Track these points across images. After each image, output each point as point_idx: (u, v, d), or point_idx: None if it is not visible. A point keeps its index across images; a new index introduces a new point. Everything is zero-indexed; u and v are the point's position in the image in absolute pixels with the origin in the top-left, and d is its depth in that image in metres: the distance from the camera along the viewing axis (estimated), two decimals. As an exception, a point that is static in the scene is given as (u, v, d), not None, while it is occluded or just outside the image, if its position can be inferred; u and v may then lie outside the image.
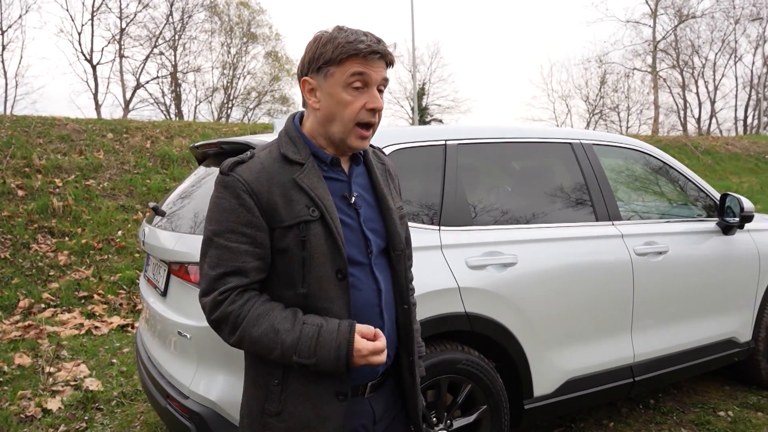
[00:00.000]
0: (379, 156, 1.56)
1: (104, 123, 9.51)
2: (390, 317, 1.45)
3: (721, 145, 16.74)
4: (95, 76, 28.11)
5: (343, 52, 1.29)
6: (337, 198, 1.37)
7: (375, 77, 1.32)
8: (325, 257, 1.31)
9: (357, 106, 1.32)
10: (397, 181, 1.60)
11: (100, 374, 4.14)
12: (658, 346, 3.08)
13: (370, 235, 1.41)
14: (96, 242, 6.71)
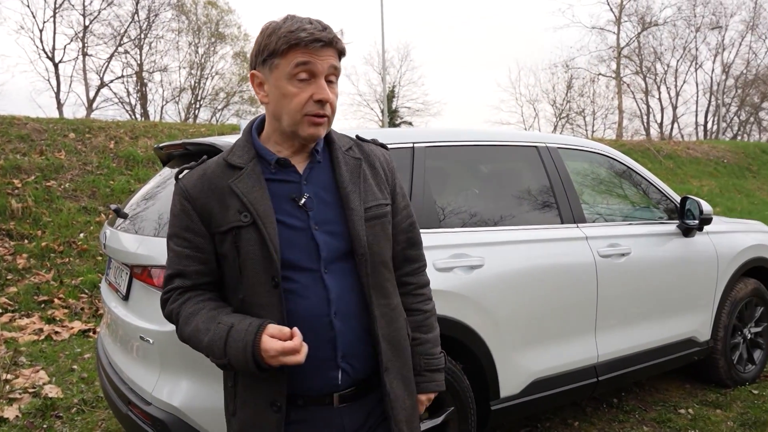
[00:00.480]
0: (364, 150, 1.45)
1: (66, 122, 9.26)
2: (351, 327, 1.34)
3: (682, 150, 17.21)
4: (57, 74, 27.40)
5: (286, 42, 1.25)
6: (283, 200, 1.33)
7: (321, 67, 1.27)
8: (258, 263, 1.29)
9: (303, 98, 1.27)
10: (387, 175, 1.47)
11: (60, 381, 4.02)
12: (620, 346, 3.14)
13: (324, 238, 1.32)
14: (57, 245, 6.53)
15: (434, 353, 1.53)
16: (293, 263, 1.31)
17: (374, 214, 1.38)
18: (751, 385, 3.92)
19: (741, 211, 13.54)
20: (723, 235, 3.77)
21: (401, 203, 1.49)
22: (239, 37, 33.79)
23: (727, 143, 20.24)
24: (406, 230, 1.50)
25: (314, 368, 1.32)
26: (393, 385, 1.39)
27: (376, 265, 1.38)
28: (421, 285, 1.55)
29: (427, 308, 1.54)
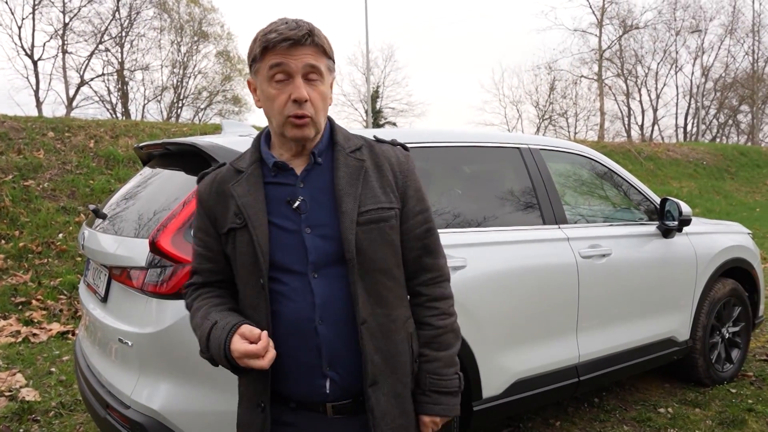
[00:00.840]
0: (375, 151, 1.39)
1: (45, 121, 9.12)
2: (339, 335, 1.31)
3: (662, 152, 17.44)
4: (36, 72, 27.02)
5: (260, 45, 1.26)
6: (280, 203, 1.33)
7: (295, 66, 1.25)
8: (249, 264, 1.32)
9: (282, 99, 1.27)
10: (397, 178, 1.38)
11: (38, 384, 3.96)
12: (601, 346, 3.16)
13: (315, 241, 1.30)
14: (35, 245, 6.43)
15: (444, 374, 1.40)
16: (283, 266, 1.31)
17: (372, 218, 1.32)
18: (729, 384, 3.97)
19: (720, 212, 13.76)
20: (702, 236, 3.82)
21: (415, 207, 1.40)
22: (222, 36, 33.62)
23: (706, 145, 20.56)
24: (420, 236, 1.41)
25: (300, 373, 1.32)
26: (380, 401, 1.32)
27: (371, 272, 1.32)
28: (434, 297, 1.42)
29: (441, 324, 1.41)
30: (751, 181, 17.90)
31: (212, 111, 34.24)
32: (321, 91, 1.30)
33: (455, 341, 1.44)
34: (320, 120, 1.32)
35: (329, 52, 1.32)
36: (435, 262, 1.44)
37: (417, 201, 1.41)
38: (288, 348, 1.31)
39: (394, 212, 1.36)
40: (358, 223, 1.30)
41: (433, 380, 1.39)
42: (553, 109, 37.52)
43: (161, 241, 2.07)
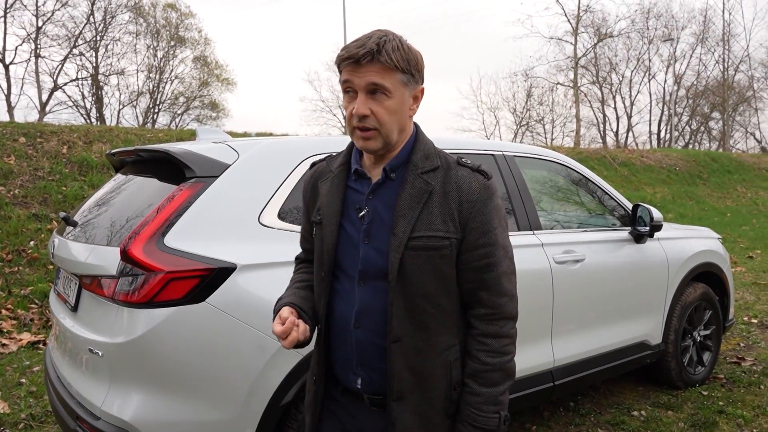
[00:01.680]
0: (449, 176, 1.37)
1: (17, 126, 8.93)
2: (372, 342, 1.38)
3: (636, 158, 17.72)
4: (8, 76, 26.51)
5: (336, 62, 1.34)
6: (352, 208, 1.42)
7: (358, 83, 1.31)
8: (319, 257, 1.45)
9: (349, 112, 1.34)
10: (462, 207, 1.36)
11: (7, 395, 3.86)
12: (576, 351, 3.20)
13: (368, 252, 1.37)
14: (5, 253, 6.28)
15: (483, 410, 1.37)
16: (343, 267, 1.42)
17: (422, 245, 1.33)
18: (701, 386, 4.04)
19: (692, 217, 14.02)
20: (673, 241, 3.89)
21: (477, 240, 1.36)
22: (200, 41, 33.35)
23: (679, 152, 20.97)
24: (477, 270, 1.37)
25: (341, 363, 1.46)
26: (404, 416, 1.36)
27: (412, 295, 1.34)
28: (486, 334, 1.38)
29: (489, 361, 1.37)
30: (722, 186, 18.29)
31: (189, 116, 33.94)
32: (387, 105, 1.32)
33: (503, 381, 1.39)
34: (389, 133, 1.34)
35: (402, 67, 1.31)
36: (491, 298, 1.39)
37: (481, 234, 1.37)
38: (335, 340, 1.45)
39: (448, 242, 1.35)
40: (407, 247, 1.33)
41: (471, 413, 1.37)
42: (530, 115, 37.93)
43: (133, 249, 2.04)
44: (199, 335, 2.07)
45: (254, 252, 2.21)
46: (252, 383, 2.12)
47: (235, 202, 2.27)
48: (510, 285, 1.42)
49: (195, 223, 2.16)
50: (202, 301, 2.06)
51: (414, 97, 1.38)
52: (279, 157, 2.45)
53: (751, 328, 5.58)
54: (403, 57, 1.31)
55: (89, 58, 29.25)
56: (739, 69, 36.68)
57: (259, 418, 2.15)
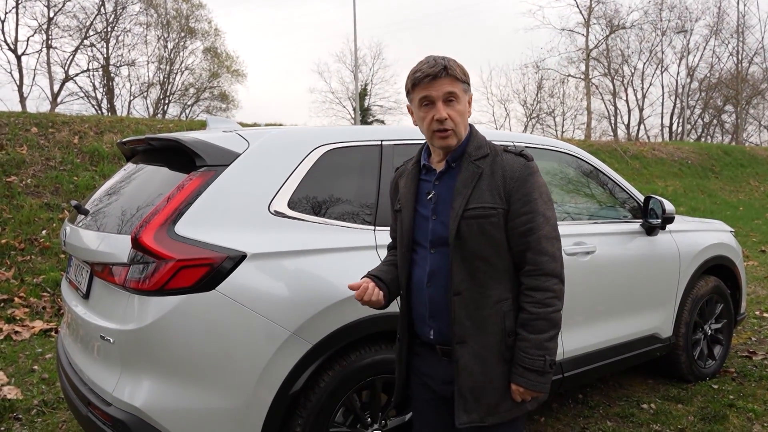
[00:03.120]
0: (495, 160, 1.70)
1: (29, 116, 8.99)
2: (441, 296, 1.71)
3: (648, 151, 17.58)
4: (20, 66, 26.69)
5: (410, 83, 1.70)
6: (423, 195, 1.78)
7: (435, 94, 1.66)
8: (401, 237, 1.81)
9: (429, 120, 1.69)
10: (507, 183, 1.67)
11: (20, 382, 3.91)
12: (585, 343, 3.19)
13: (435, 226, 1.72)
14: (18, 242, 6.35)
15: (531, 353, 1.64)
16: (418, 241, 1.77)
17: (474, 214, 1.66)
18: (711, 380, 4.02)
19: (704, 210, 13.91)
20: (685, 233, 3.86)
21: (520, 210, 1.66)
22: (210, 32, 33.36)
23: (691, 145, 20.77)
24: (522, 234, 1.66)
25: (419, 319, 1.80)
26: (465, 356, 1.67)
27: (469, 257, 1.67)
28: (531, 287, 1.66)
29: (535, 311, 1.65)
30: (734, 180, 18.12)
31: (199, 108, 34.03)
32: (458, 109, 1.69)
33: (548, 329, 1.65)
34: (460, 131, 1.71)
35: (463, 78, 1.69)
36: (534, 257, 1.66)
37: (522, 204, 1.66)
38: (414, 300, 1.80)
39: (496, 212, 1.66)
40: (463, 217, 1.66)
41: (520, 356, 1.65)
42: (541, 108, 37.71)
43: (144, 237, 2.05)
44: (208, 323, 2.07)
45: (264, 241, 2.21)
46: (261, 371, 2.13)
47: (246, 190, 2.27)
48: (551, 247, 1.68)
49: (205, 212, 2.16)
50: (212, 289, 2.07)
51: (469, 101, 1.75)
52: (289, 146, 2.45)
53: (763, 322, 5.54)
54: (462, 71, 1.70)
55: (100, 49, 29.40)
56: (753, 61, 36.23)
57: (268, 406, 2.16)
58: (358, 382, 2.37)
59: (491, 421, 1.67)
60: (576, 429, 3.32)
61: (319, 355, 2.25)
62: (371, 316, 2.36)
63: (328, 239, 2.37)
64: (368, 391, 2.47)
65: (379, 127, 2.89)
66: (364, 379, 2.39)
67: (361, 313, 2.33)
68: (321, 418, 2.27)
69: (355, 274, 2.35)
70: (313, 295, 2.25)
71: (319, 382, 2.28)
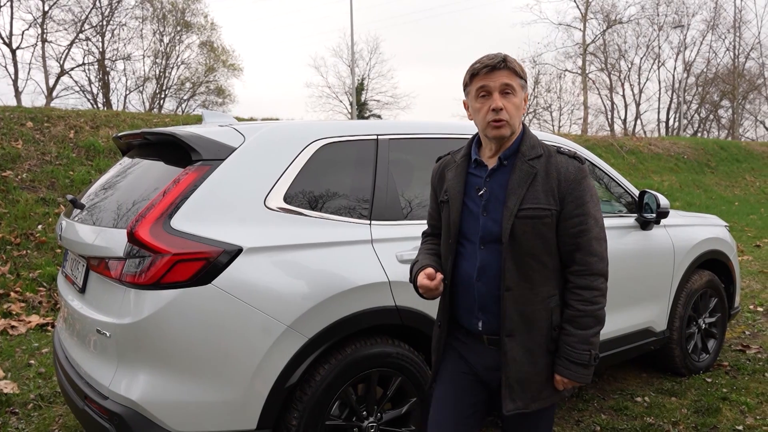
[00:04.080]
0: (550, 161, 1.72)
1: (24, 111, 8.95)
2: (490, 291, 1.73)
3: (644, 146, 17.61)
4: (15, 60, 26.55)
5: (469, 74, 1.74)
6: (472, 189, 1.79)
7: (493, 85, 1.69)
8: (447, 227, 1.82)
9: (485, 110, 1.70)
10: (561, 185, 1.70)
11: (16, 376, 3.92)
12: (580, 337, 3.19)
13: (486, 222, 1.73)
14: (13, 237, 6.33)
15: (576, 347, 1.70)
16: (466, 235, 1.78)
17: (528, 215, 1.68)
18: (704, 373, 4.05)
19: (699, 205, 13.95)
20: (679, 228, 3.88)
21: (573, 212, 1.70)
22: (206, 26, 33.21)
23: (687, 140, 20.81)
24: (573, 235, 1.71)
25: (465, 311, 1.82)
26: (513, 349, 1.71)
27: (522, 255, 1.69)
28: (579, 286, 1.72)
29: (582, 308, 1.71)
30: (730, 175, 18.17)
31: (195, 102, 33.91)
32: (514, 102, 1.70)
33: (594, 325, 1.71)
34: (515, 123, 1.72)
35: (521, 74, 1.72)
36: (583, 258, 1.72)
37: (575, 206, 1.70)
38: (460, 291, 1.81)
39: (550, 213, 1.69)
40: (517, 216, 1.68)
41: (567, 350, 1.71)
42: (538, 102, 37.72)
43: (140, 231, 2.06)
44: (205, 317, 2.08)
45: (260, 235, 2.22)
46: (257, 365, 2.14)
47: (241, 185, 2.27)
48: (600, 248, 1.74)
49: (201, 206, 2.17)
50: (208, 283, 2.08)
51: (524, 99, 1.76)
52: (285, 141, 2.45)
53: (757, 316, 5.57)
54: (520, 67, 1.72)
55: (96, 43, 29.26)
56: (749, 56, 36.33)
57: (264, 399, 2.17)
58: (354, 375, 2.38)
59: (534, 407, 1.74)
60: (570, 422, 3.34)
61: (314, 348, 2.26)
62: (367, 310, 2.37)
63: (324, 233, 2.37)
64: (364, 385, 2.48)
65: (375, 121, 2.89)
66: (360, 373, 2.40)
67: (356, 307, 2.34)
68: (317, 411, 2.28)
69: (350, 269, 2.36)
70: (309, 288, 2.26)
71: (314, 375, 2.29)
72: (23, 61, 31.58)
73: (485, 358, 1.82)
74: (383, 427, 2.52)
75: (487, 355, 1.80)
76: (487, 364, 1.81)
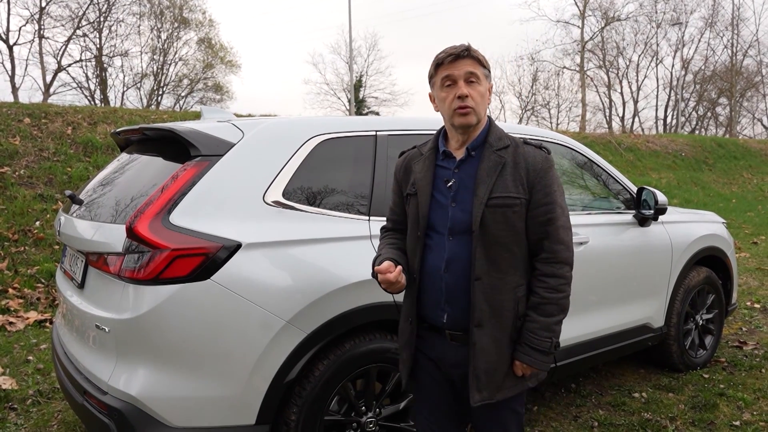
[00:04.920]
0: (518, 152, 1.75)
1: (21, 107, 8.93)
2: (457, 282, 1.74)
3: (642, 143, 17.63)
4: (12, 57, 26.45)
5: (432, 66, 1.78)
6: (441, 181, 1.80)
7: (458, 73, 1.72)
8: (414, 221, 1.83)
9: (450, 98, 1.73)
10: (530, 174, 1.73)
11: (15, 372, 3.92)
12: (578, 332, 3.21)
13: (455, 213, 1.74)
14: (11, 233, 6.32)
15: (538, 334, 1.73)
16: (433, 227, 1.79)
17: (498, 203, 1.70)
18: (702, 369, 4.06)
19: (697, 203, 13.98)
20: (677, 224, 3.89)
21: (541, 200, 1.73)
22: (204, 22, 33.12)
23: (685, 137, 20.82)
24: (542, 223, 1.73)
25: (430, 303, 1.82)
26: (482, 339, 1.73)
27: (491, 244, 1.71)
28: (545, 273, 1.75)
29: (547, 295, 1.73)
30: (728, 172, 18.20)
31: (193, 99, 33.86)
32: (479, 90, 1.74)
33: (557, 313, 1.75)
34: (480, 111, 1.75)
35: (484, 63, 1.77)
36: (551, 245, 1.74)
37: (544, 195, 1.73)
38: (426, 284, 1.81)
39: (519, 201, 1.72)
40: (486, 205, 1.70)
41: (529, 336, 1.74)
42: (536, 100, 37.75)
43: (138, 226, 2.06)
44: (204, 312, 2.09)
45: (259, 230, 2.22)
46: (256, 360, 2.15)
47: (240, 180, 2.27)
48: (566, 237, 1.77)
49: (200, 202, 2.17)
50: (207, 278, 2.08)
51: (489, 90, 1.80)
52: (284, 136, 2.45)
53: (754, 312, 5.59)
54: (483, 57, 1.77)
55: (93, 40, 29.16)
56: (747, 54, 36.32)
57: (263, 395, 2.18)
58: (353, 371, 2.39)
59: (500, 397, 1.76)
60: (568, 417, 3.35)
61: (313, 344, 2.26)
62: (366, 305, 2.38)
63: (323, 229, 2.38)
64: (363, 380, 2.49)
65: (373, 117, 2.89)
66: (359, 368, 2.40)
67: (355, 303, 2.34)
68: (316, 406, 2.29)
69: (349, 264, 2.37)
70: (308, 284, 2.26)
71: (313, 371, 2.30)
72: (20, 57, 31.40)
73: (447, 354, 1.83)
74: (382, 422, 2.53)
75: (450, 351, 1.82)
76: (452, 361, 1.83)
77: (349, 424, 2.45)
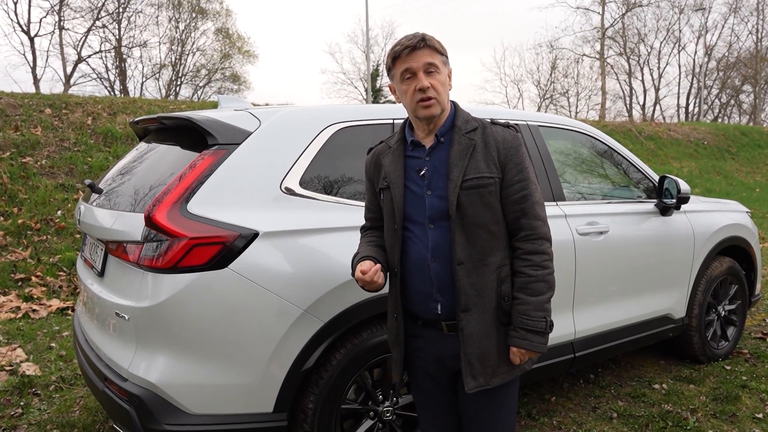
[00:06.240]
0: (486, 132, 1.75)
1: (42, 98, 9.04)
2: (445, 270, 1.72)
3: (663, 131, 17.34)
4: (33, 48, 26.79)
5: (390, 57, 1.75)
6: (413, 171, 1.78)
7: (416, 65, 1.70)
8: (390, 215, 1.80)
9: (411, 90, 1.71)
10: (500, 153, 1.72)
11: (38, 359, 3.99)
12: (597, 323, 3.18)
13: (432, 200, 1.73)
14: (34, 222, 6.42)
15: (532, 315, 1.70)
16: (411, 218, 1.77)
17: (473, 185, 1.69)
18: (723, 361, 4.01)
19: (720, 192, 13.74)
20: (700, 214, 3.82)
21: (514, 178, 1.72)
22: (221, 12, 33.20)
23: (707, 125, 20.44)
24: (517, 201, 1.73)
25: (420, 297, 1.79)
26: (470, 323, 1.71)
27: (470, 226, 1.70)
28: (528, 251, 1.73)
29: (532, 273, 1.71)
30: (751, 161, 17.85)
31: (211, 89, 34.01)
32: (439, 79, 1.72)
33: (546, 291, 1.72)
34: (443, 100, 1.74)
35: (441, 50, 1.75)
36: (529, 222, 1.73)
37: (516, 172, 1.73)
38: (412, 278, 1.78)
39: (493, 180, 1.71)
40: (461, 188, 1.69)
41: (522, 319, 1.70)
42: (555, 88, 37.28)
43: (157, 215, 2.06)
44: (221, 300, 2.09)
45: (276, 219, 2.22)
46: (273, 349, 2.16)
47: (257, 169, 2.27)
48: (542, 212, 1.76)
49: (217, 190, 2.17)
50: (225, 267, 2.09)
51: (449, 76, 1.79)
52: (301, 125, 2.44)
53: (778, 304, 5.49)
54: (439, 44, 1.75)
55: (112, 30, 29.40)
56: (773, 40, 35.41)
57: (280, 383, 2.19)
58: (370, 360, 2.38)
59: (496, 383, 1.73)
60: (587, 408, 3.33)
61: (330, 333, 2.26)
62: (383, 295, 2.36)
63: (340, 218, 2.37)
64: (380, 369, 2.49)
65: (390, 105, 2.87)
66: (376, 358, 2.40)
67: (367, 294, 2.33)
68: (333, 395, 2.30)
69: (366, 253, 2.35)
70: (325, 273, 2.25)
71: (330, 359, 2.30)
72: (41, 48, 31.95)
73: (447, 347, 1.79)
74: (399, 411, 2.53)
75: (449, 342, 1.78)
76: (451, 353, 1.79)
77: (366, 413, 2.46)
